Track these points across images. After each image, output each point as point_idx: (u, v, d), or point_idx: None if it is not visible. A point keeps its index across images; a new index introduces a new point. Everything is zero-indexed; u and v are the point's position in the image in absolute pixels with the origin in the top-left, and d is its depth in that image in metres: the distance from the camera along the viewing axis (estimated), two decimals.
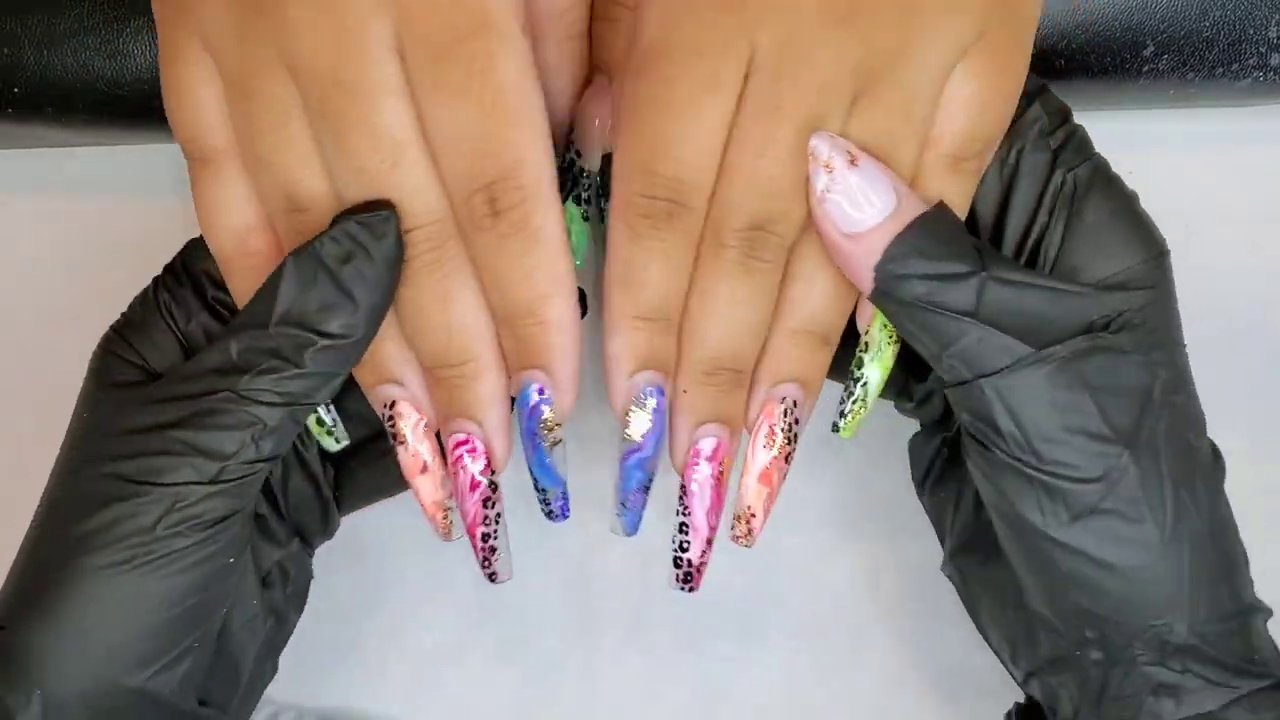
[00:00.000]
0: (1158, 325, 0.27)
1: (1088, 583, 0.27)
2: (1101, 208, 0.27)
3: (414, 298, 0.27)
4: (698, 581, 0.30)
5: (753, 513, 0.29)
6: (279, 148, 0.26)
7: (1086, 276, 0.27)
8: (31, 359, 0.38)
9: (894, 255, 0.26)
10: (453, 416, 0.28)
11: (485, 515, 0.29)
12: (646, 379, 0.28)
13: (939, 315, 0.26)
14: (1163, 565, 0.26)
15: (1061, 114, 0.28)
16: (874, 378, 0.29)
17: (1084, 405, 0.26)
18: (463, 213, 0.26)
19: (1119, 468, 0.26)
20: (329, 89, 0.25)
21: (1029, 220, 0.28)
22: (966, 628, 0.32)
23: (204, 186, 0.28)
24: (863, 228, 0.26)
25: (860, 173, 0.26)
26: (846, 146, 0.26)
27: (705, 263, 0.27)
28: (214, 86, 0.27)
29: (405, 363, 0.28)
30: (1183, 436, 0.27)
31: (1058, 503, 0.26)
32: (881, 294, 0.26)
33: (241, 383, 0.26)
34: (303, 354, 0.26)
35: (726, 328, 0.27)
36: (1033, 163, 0.27)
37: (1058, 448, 0.26)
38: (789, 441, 0.29)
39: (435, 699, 0.38)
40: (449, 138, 0.25)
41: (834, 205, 0.26)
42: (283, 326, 0.26)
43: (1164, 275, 0.27)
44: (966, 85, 0.26)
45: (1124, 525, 0.26)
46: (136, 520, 0.26)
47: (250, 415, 0.26)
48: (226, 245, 0.28)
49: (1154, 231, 0.28)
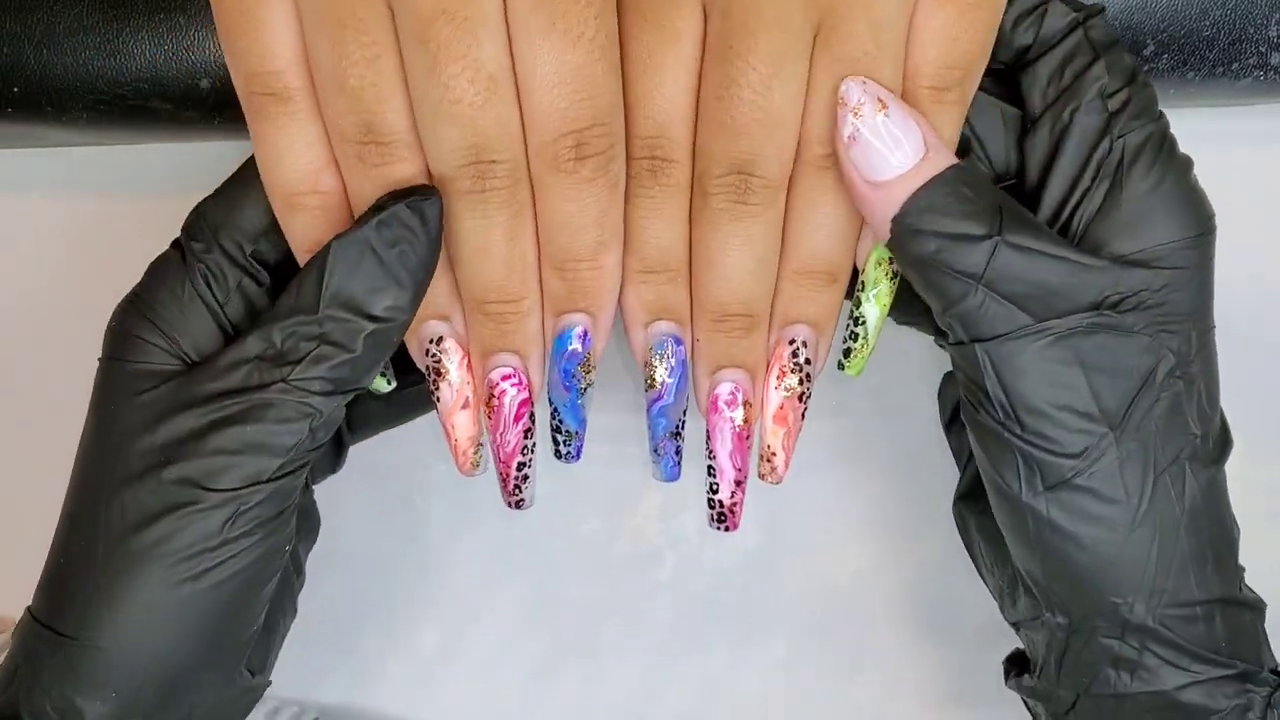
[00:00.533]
0: (1177, 306, 0.27)
1: (1055, 552, 0.27)
2: (1144, 180, 0.27)
3: (483, 230, 0.27)
4: (733, 522, 0.30)
5: (773, 451, 0.30)
6: (370, 79, 0.25)
7: (1113, 249, 0.27)
8: (31, 359, 0.38)
9: (911, 209, 0.26)
10: (498, 350, 0.28)
11: (525, 445, 0.29)
12: (663, 329, 0.29)
13: (946, 274, 0.26)
14: (1128, 547, 0.27)
15: (1127, 73, 0.27)
16: (872, 315, 0.29)
17: (1075, 382, 0.26)
18: (546, 153, 0.26)
19: (1099, 448, 0.26)
20: (435, 18, 0.24)
21: (1070, 186, 0.27)
22: (966, 628, 0.32)
23: (277, 123, 0.27)
24: (887, 175, 0.26)
25: (889, 119, 0.26)
26: (878, 92, 0.26)
27: (697, 213, 0.28)
28: (290, 20, 0.26)
29: (453, 299, 0.28)
30: (1180, 421, 0.27)
31: (1034, 472, 0.27)
32: (895, 245, 0.27)
33: (295, 373, 0.26)
34: (356, 339, 0.26)
35: (726, 274, 0.28)
36: (1084, 125, 0.27)
37: (1041, 420, 0.26)
38: (800, 382, 0.29)
39: (435, 698, 0.38)
40: (549, 78, 0.25)
41: (859, 152, 0.26)
42: (332, 309, 0.26)
43: (1199, 254, 0.27)
44: (937, 12, 0.26)
45: (1095, 503, 0.26)
46: (201, 527, 0.26)
47: (306, 406, 0.26)
48: (298, 184, 0.27)
49: (1197, 209, 0.27)
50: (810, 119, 0.27)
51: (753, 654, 0.38)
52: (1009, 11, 0.28)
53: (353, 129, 0.26)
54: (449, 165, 0.26)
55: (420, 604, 0.38)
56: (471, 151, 0.25)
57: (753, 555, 0.38)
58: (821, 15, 0.26)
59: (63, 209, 0.38)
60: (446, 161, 0.26)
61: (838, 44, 0.26)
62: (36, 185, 0.38)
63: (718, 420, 0.29)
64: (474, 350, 0.29)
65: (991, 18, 0.27)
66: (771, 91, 0.26)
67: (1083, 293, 0.26)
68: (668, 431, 0.30)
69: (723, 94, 0.26)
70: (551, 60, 0.25)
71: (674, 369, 0.29)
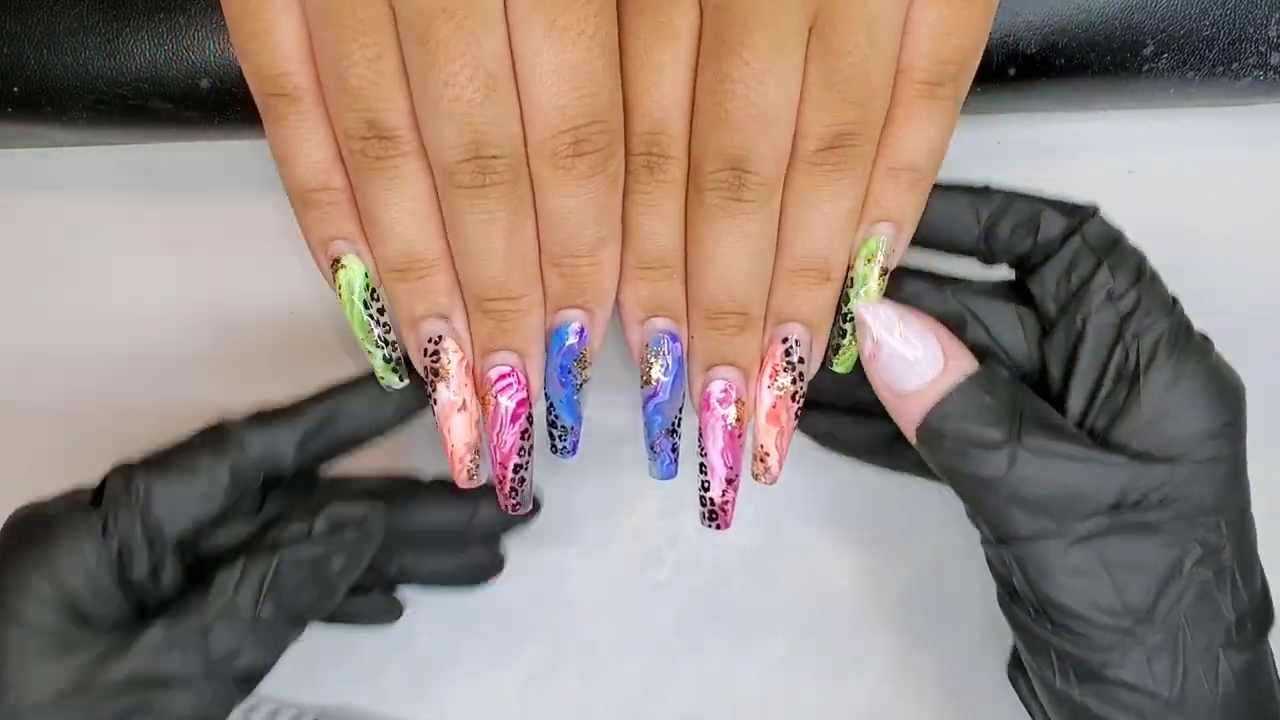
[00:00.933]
0: (1202, 498, 0.27)
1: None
2: (1162, 377, 0.27)
3: (483, 225, 0.27)
4: (724, 520, 0.30)
5: (766, 451, 0.29)
6: (370, 79, 0.26)
7: (1135, 447, 0.27)
8: (32, 359, 0.38)
9: (934, 417, 0.27)
10: (497, 349, 0.28)
11: (521, 446, 0.29)
12: (659, 326, 0.29)
13: (969, 480, 0.27)
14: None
15: (1134, 271, 0.28)
16: None
17: (1100, 581, 0.27)
18: (545, 149, 0.26)
19: (1127, 642, 0.27)
20: (435, 16, 0.25)
21: (1091, 391, 0.28)
22: (966, 628, 0.32)
23: (288, 123, 0.27)
24: (910, 387, 0.28)
25: (908, 335, 0.27)
26: (890, 315, 0.28)
27: (692, 209, 0.27)
28: (297, 21, 0.26)
29: (454, 298, 0.28)
30: (1211, 607, 0.27)
31: (1066, 664, 0.28)
32: (922, 449, 0.28)
33: (214, 666, 0.28)
34: (286, 641, 0.29)
35: (719, 272, 0.28)
36: (1097, 331, 0.28)
37: (1069, 618, 0.27)
38: (793, 381, 0.29)
39: (435, 699, 0.38)
40: (548, 75, 0.25)
41: (882, 366, 0.28)
42: (268, 612, 0.29)
43: (1225, 443, 0.27)
44: (930, 8, 0.26)
45: (1127, 693, 0.27)
46: None
47: (223, 690, 0.28)
48: (310, 181, 0.27)
49: (1221, 396, 0.27)
50: (805, 115, 0.26)
51: (751, 654, 0.38)
52: (1005, 219, 0.29)
53: (356, 126, 0.26)
54: (449, 160, 0.26)
55: (420, 604, 0.38)
56: (471, 147, 0.26)
57: (752, 555, 0.38)
58: (817, 10, 0.25)
59: (63, 209, 0.38)
60: (447, 157, 0.26)
61: (832, 39, 0.26)
62: (36, 185, 0.38)
63: (710, 418, 0.29)
64: (474, 349, 0.29)
65: (985, 15, 0.27)
66: (765, 86, 0.25)
67: (1103, 493, 0.27)
68: (663, 429, 0.30)
69: (717, 89, 0.26)
70: (551, 58, 0.25)
71: (670, 366, 0.29)
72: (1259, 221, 0.37)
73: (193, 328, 0.37)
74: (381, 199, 0.27)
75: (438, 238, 0.28)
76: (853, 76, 0.26)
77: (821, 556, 0.38)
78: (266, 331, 0.37)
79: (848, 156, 0.27)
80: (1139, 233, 0.37)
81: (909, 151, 0.27)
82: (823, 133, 0.26)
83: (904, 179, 0.27)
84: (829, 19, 0.25)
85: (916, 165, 0.27)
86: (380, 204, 0.27)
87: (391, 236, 0.27)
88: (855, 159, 0.27)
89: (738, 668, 0.38)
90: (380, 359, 0.30)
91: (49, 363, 0.38)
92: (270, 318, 0.37)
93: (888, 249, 0.28)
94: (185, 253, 0.37)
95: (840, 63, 0.26)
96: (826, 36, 0.26)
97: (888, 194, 0.28)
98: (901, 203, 0.28)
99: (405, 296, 0.28)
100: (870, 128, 0.26)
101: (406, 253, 0.27)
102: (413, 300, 0.28)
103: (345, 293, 0.28)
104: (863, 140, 0.26)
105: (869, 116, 0.26)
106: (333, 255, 0.28)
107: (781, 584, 0.38)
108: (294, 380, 0.38)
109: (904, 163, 0.27)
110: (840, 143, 0.26)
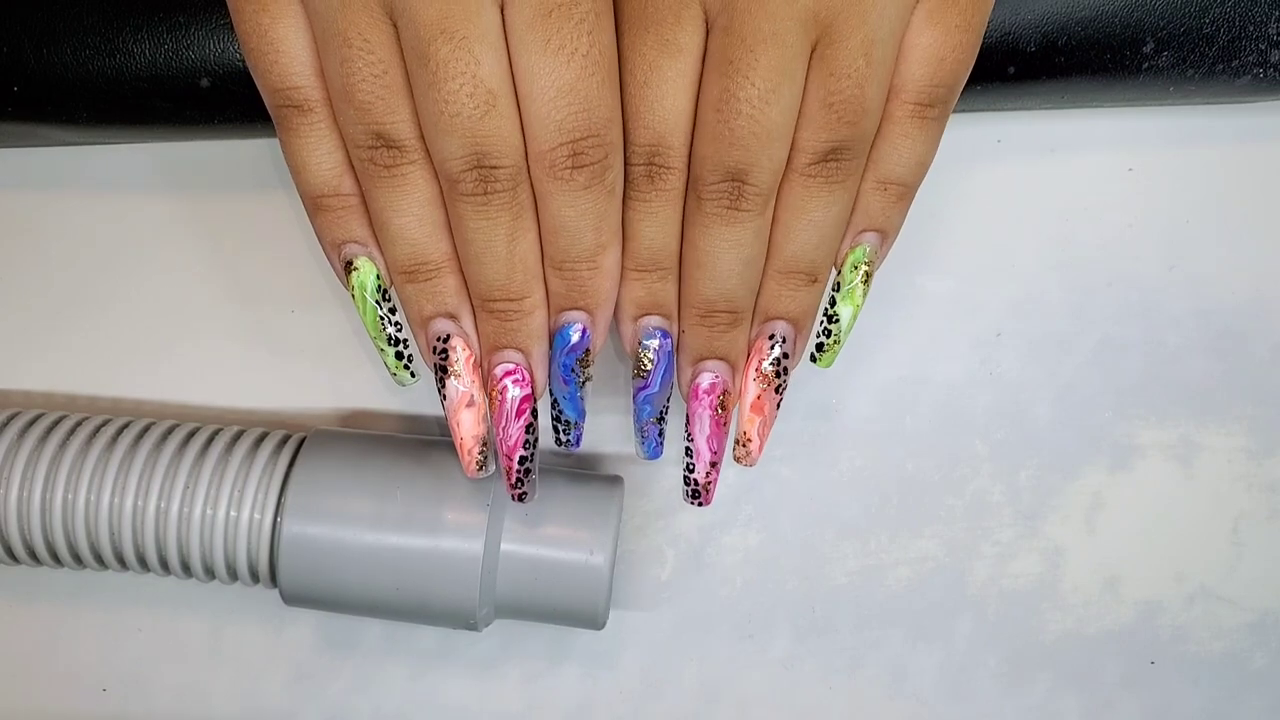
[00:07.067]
0: None
1: None
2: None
3: (486, 230, 0.28)
4: (706, 498, 0.32)
5: (749, 438, 0.31)
6: (377, 94, 0.27)
7: None
8: (31, 359, 0.38)
9: None
10: (502, 348, 0.30)
11: (526, 440, 0.30)
12: (650, 322, 0.30)
13: None
14: None
15: None
16: (845, 314, 0.31)
17: None
18: (544, 160, 0.27)
19: None
20: (435, 37, 0.26)
21: None
22: (966, 628, 0.32)
23: (301, 134, 0.29)
24: None
25: None
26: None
27: (690, 215, 0.29)
28: (305, 36, 0.28)
29: (462, 299, 0.30)
30: None
31: None
32: None
33: None
34: None
35: (713, 274, 0.29)
36: None
37: None
38: (778, 374, 0.31)
39: (435, 698, 0.38)
40: (545, 90, 0.26)
41: None
42: None
43: None
44: (925, 32, 0.28)
45: None
46: None
47: None
48: (321, 188, 0.29)
49: None
50: (802, 130, 0.28)
51: (752, 653, 0.38)
52: None
53: (363, 137, 0.28)
54: (453, 170, 0.27)
55: None
56: (473, 158, 0.27)
57: (753, 553, 0.38)
58: (819, 33, 0.27)
59: (63, 209, 0.38)
60: (450, 167, 0.27)
61: (833, 62, 0.27)
62: (37, 185, 0.38)
63: (697, 407, 0.31)
64: (481, 348, 0.30)
65: (975, 40, 0.28)
66: (769, 106, 0.27)
67: None
68: (651, 417, 0.31)
69: (722, 107, 0.27)
70: (547, 76, 0.26)
71: (660, 360, 0.30)
72: (1259, 221, 0.37)
73: (194, 327, 0.37)
74: (390, 205, 0.28)
75: (444, 241, 0.29)
76: (850, 98, 0.27)
77: (821, 556, 0.38)
78: (275, 331, 0.37)
79: (840, 170, 0.28)
80: (1139, 231, 0.37)
81: (898, 167, 0.29)
82: (818, 148, 0.28)
83: (892, 192, 0.29)
84: (830, 42, 0.27)
85: (904, 180, 0.29)
86: (389, 210, 0.28)
87: (400, 240, 0.29)
88: (847, 172, 0.28)
89: (738, 667, 0.38)
90: (392, 356, 0.31)
91: (49, 362, 0.38)
92: (279, 316, 0.37)
93: (872, 256, 0.30)
94: (187, 251, 0.37)
95: (840, 84, 0.27)
96: (828, 59, 0.27)
97: (876, 205, 0.30)
98: (889, 214, 0.30)
99: (414, 297, 0.29)
100: (862, 143, 0.28)
101: (415, 256, 0.29)
102: (421, 301, 0.30)
103: (358, 293, 0.30)
104: (855, 155, 0.28)
105: (862, 133, 0.28)
106: (345, 258, 0.30)
107: (782, 584, 0.38)
108: (303, 381, 0.38)
109: (893, 177, 0.29)
110: (834, 157, 0.28)
